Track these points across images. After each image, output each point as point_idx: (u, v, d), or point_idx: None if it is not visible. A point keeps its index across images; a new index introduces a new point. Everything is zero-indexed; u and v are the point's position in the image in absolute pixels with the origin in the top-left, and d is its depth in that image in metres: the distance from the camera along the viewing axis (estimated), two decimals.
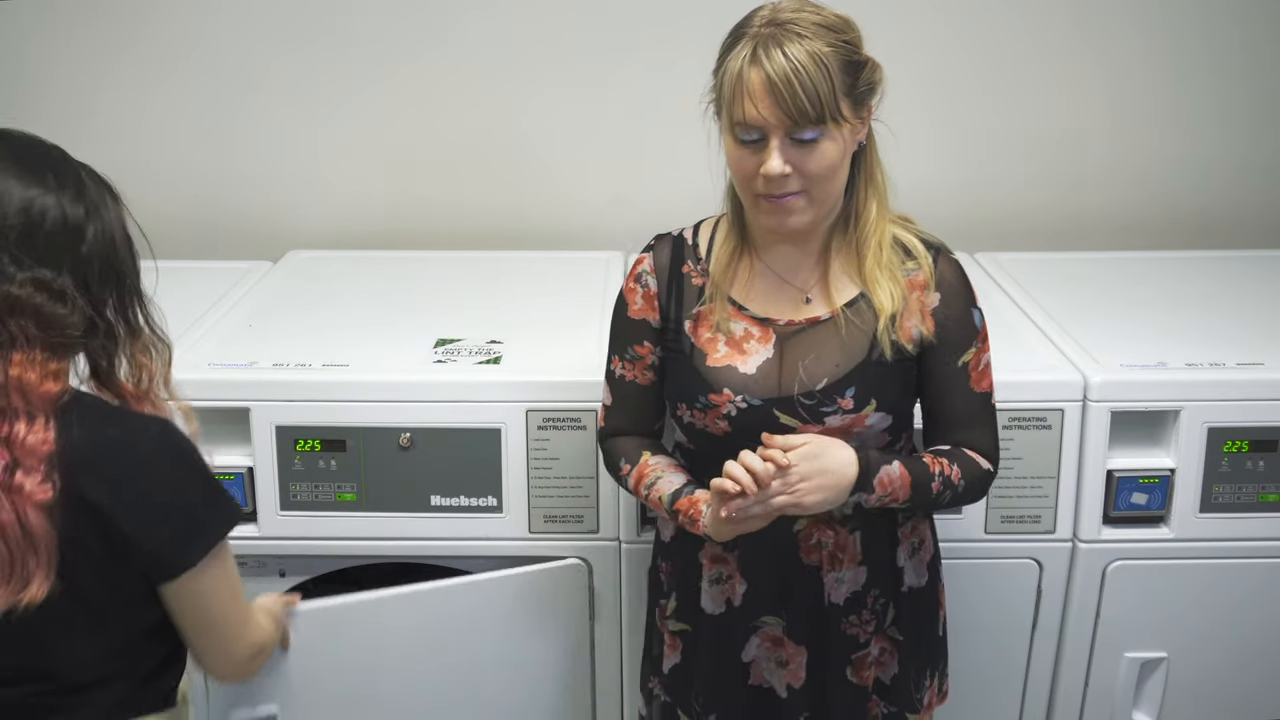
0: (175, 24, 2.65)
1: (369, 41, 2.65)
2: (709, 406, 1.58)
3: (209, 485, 1.43)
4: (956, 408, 1.61)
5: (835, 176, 1.50)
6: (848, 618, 1.66)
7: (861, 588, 1.65)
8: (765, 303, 1.60)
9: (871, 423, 1.56)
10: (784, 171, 1.45)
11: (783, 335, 1.58)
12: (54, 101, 2.70)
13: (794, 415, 1.55)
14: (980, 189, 2.77)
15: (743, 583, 1.67)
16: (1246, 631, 2.07)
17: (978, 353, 1.60)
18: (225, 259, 2.62)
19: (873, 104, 1.52)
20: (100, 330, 1.38)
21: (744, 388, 1.56)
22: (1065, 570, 2.04)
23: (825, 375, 1.55)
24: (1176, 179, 2.77)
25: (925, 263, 1.57)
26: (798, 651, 1.67)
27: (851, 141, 1.50)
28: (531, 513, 2.00)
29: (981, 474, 1.62)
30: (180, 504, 1.40)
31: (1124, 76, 2.70)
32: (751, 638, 1.68)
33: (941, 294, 1.57)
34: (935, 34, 2.67)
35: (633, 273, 1.68)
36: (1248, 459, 1.97)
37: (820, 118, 1.43)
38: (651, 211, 2.70)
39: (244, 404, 1.95)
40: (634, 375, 1.67)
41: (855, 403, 1.54)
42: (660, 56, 2.61)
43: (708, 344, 1.60)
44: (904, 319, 1.56)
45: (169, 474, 1.39)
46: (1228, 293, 2.39)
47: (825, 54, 1.43)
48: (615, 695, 2.15)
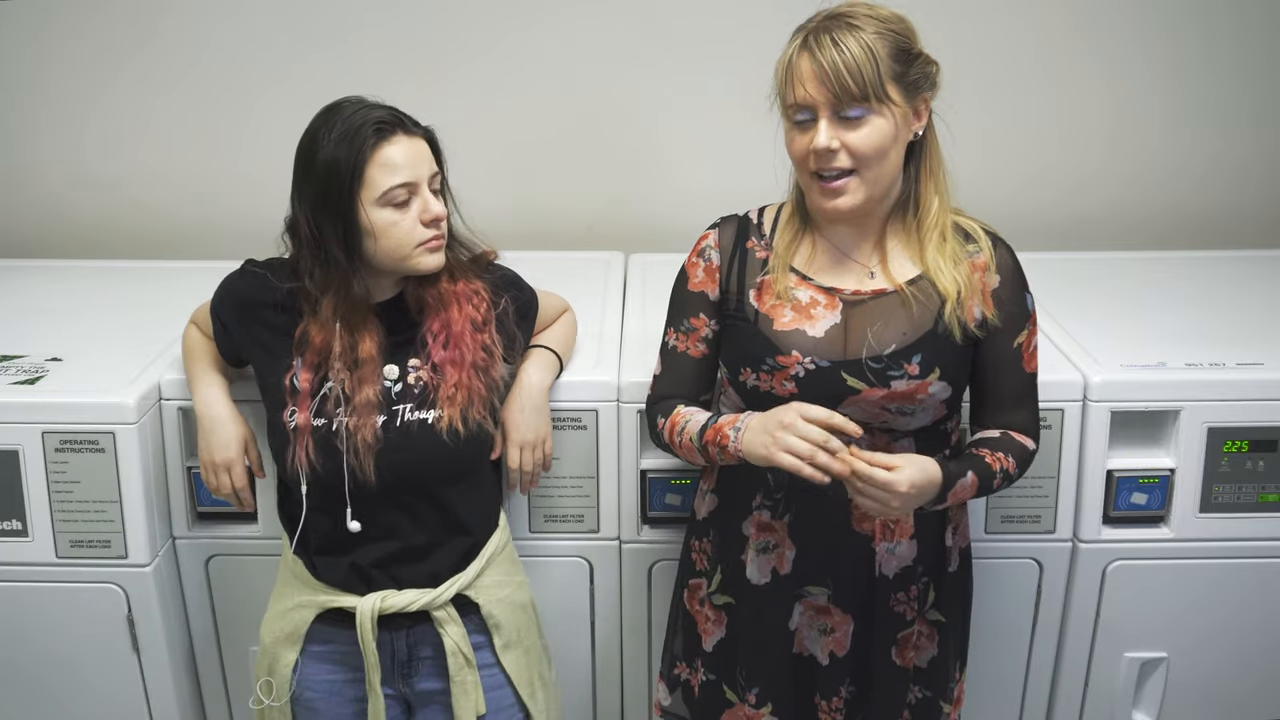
0: (176, 25, 2.66)
1: (369, 42, 2.66)
2: (776, 369, 1.63)
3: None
4: (1009, 387, 1.68)
5: (884, 158, 1.55)
6: (896, 594, 1.69)
7: (912, 563, 1.69)
8: (830, 273, 1.67)
9: (934, 391, 1.61)
10: (830, 146, 1.52)
11: (849, 303, 1.64)
12: (54, 102, 2.70)
13: (861, 378, 1.60)
14: (980, 189, 2.75)
15: (792, 548, 1.70)
16: (1246, 631, 2.07)
17: (1029, 335, 1.68)
18: (225, 259, 2.62)
19: (928, 97, 1.58)
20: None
21: (812, 350, 1.62)
22: (1065, 570, 2.04)
23: (894, 341, 1.61)
24: (1176, 179, 2.77)
25: (986, 246, 1.65)
26: (844, 620, 1.70)
27: (904, 128, 1.56)
28: (523, 514, 2.00)
29: (1028, 456, 1.70)
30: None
31: (1124, 77, 2.70)
32: (795, 605, 1.71)
33: (1001, 277, 1.65)
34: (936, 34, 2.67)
35: (696, 248, 1.74)
36: (1248, 459, 1.97)
37: (864, 95, 1.51)
38: (651, 211, 2.72)
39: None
40: (687, 347, 1.73)
41: (921, 369, 1.60)
42: (661, 56, 2.61)
43: (773, 310, 1.65)
44: (968, 300, 1.62)
45: None
46: (1228, 293, 2.39)
47: (871, 38, 1.51)
48: (615, 695, 2.15)
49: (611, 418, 1.98)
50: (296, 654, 1.76)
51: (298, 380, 1.71)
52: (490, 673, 1.78)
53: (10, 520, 1.94)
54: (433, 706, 1.78)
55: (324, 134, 1.64)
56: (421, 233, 1.68)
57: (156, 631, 2.01)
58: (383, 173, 1.64)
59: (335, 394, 1.69)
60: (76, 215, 2.77)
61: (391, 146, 1.65)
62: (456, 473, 1.73)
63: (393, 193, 1.64)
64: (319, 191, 1.64)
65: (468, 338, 1.73)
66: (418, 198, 1.67)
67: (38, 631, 2.00)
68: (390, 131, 1.65)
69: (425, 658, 1.76)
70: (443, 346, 1.72)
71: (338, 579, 1.73)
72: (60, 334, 2.18)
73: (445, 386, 1.71)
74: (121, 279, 2.51)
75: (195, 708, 2.14)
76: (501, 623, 1.78)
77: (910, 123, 1.58)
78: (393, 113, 1.68)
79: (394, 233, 1.66)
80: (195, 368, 1.87)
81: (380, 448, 1.68)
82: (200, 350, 1.88)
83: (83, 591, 1.97)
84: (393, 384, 1.72)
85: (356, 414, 1.68)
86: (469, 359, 1.73)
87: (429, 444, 1.69)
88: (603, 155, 2.73)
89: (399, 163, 1.65)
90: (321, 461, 1.68)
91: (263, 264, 1.79)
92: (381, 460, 1.68)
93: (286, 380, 1.71)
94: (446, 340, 1.72)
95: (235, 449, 1.82)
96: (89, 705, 2.06)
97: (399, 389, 1.71)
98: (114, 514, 1.93)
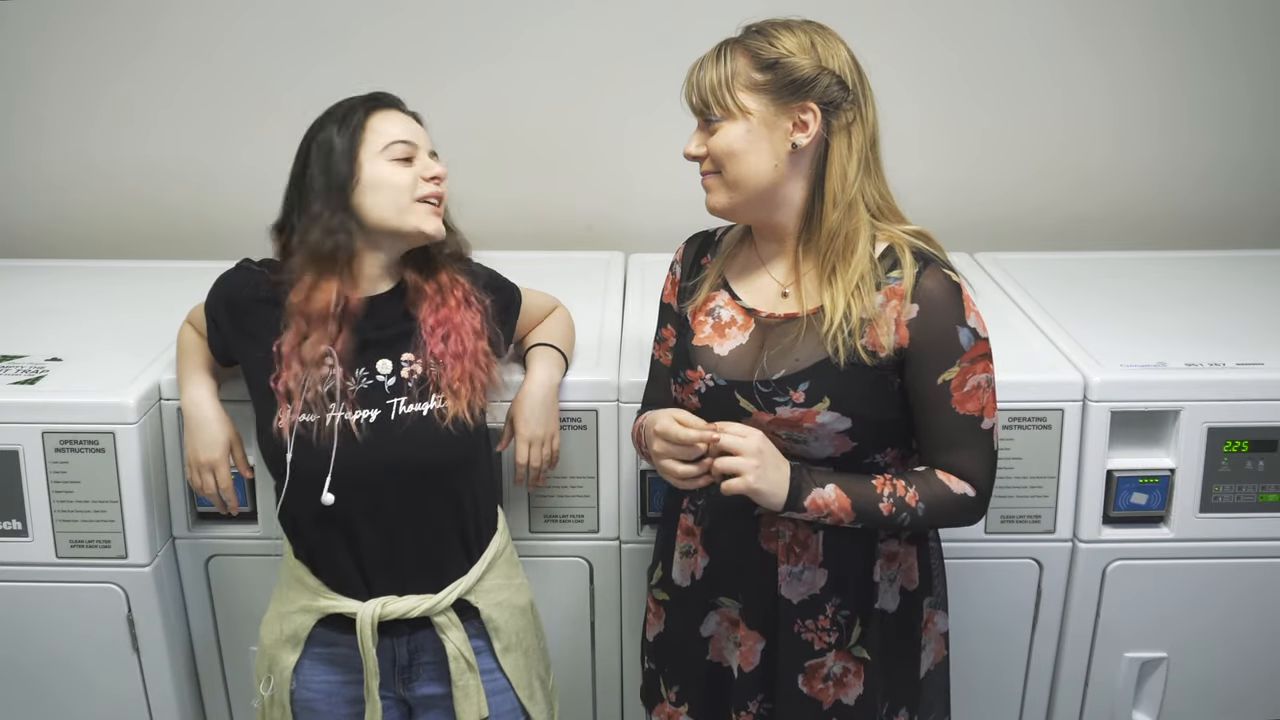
0: (177, 25, 2.66)
1: (369, 43, 2.66)
2: (685, 382, 1.66)
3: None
4: (936, 427, 1.58)
5: (740, 161, 1.56)
6: (802, 620, 1.65)
7: (820, 592, 1.64)
8: (753, 292, 1.66)
9: (824, 421, 1.56)
10: (694, 152, 1.60)
11: (763, 325, 1.63)
12: (56, 102, 2.70)
13: (750, 400, 1.60)
14: (981, 189, 2.77)
15: (705, 557, 1.70)
16: (1246, 631, 2.07)
17: (963, 372, 1.55)
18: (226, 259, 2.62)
19: (813, 106, 1.54)
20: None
21: (714, 367, 1.63)
22: (1065, 570, 2.04)
23: (784, 367, 1.59)
24: (1176, 179, 2.77)
25: (909, 273, 1.55)
26: (752, 635, 1.68)
27: (766, 136, 1.55)
28: (523, 515, 2.00)
29: (955, 498, 1.57)
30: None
31: (1125, 77, 2.70)
32: (711, 613, 1.71)
33: (920, 306, 1.55)
34: (936, 34, 2.68)
35: (670, 262, 1.79)
36: (1248, 459, 1.97)
37: (707, 103, 1.56)
38: (651, 211, 2.72)
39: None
40: (660, 354, 1.78)
41: (806, 398, 1.56)
42: (661, 56, 2.61)
43: (698, 325, 1.68)
44: (874, 327, 1.55)
45: None
46: (1228, 293, 2.39)
47: (732, 51, 1.56)
48: (615, 694, 2.15)
49: (611, 418, 1.98)
50: (297, 656, 1.76)
51: (284, 345, 1.68)
52: (491, 677, 1.78)
53: (10, 520, 1.94)
54: (433, 711, 1.78)
55: (319, 127, 1.70)
56: (422, 187, 1.70)
57: (156, 631, 2.01)
58: (384, 125, 1.70)
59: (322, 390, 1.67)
60: (77, 215, 2.77)
61: (387, 113, 1.72)
62: (455, 466, 1.73)
63: (394, 146, 1.69)
64: (322, 167, 1.67)
65: (469, 331, 1.74)
66: (418, 160, 1.71)
67: (38, 631, 2.00)
68: (384, 105, 1.73)
69: (426, 663, 1.76)
70: (442, 340, 1.73)
71: (338, 582, 1.73)
72: (60, 334, 2.18)
73: (449, 379, 1.71)
74: (122, 279, 2.51)
75: (195, 708, 2.14)
76: (501, 626, 1.78)
77: (784, 132, 1.54)
78: (385, 94, 1.75)
79: (395, 181, 1.68)
80: (185, 367, 1.88)
81: (376, 441, 1.67)
82: (192, 349, 1.88)
83: (83, 591, 1.97)
84: (386, 378, 1.71)
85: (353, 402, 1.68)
86: (472, 351, 1.73)
87: (426, 437, 1.69)
88: (603, 155, 2.74)
89: (398, 125, 1.71)
90: (309, 446, 1.67)
91: (258, 263, 1.79)
92: (378, 454, 1.67)
93: (274, 347, 1.70)
94: (447, 334, 1.73)
95: (220, 450, 1.82)
96: (89, 705, 2.06)
97: (392, 383, 1.71)
98: (114, 514, 1.93)
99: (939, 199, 2.50)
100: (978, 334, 1.57)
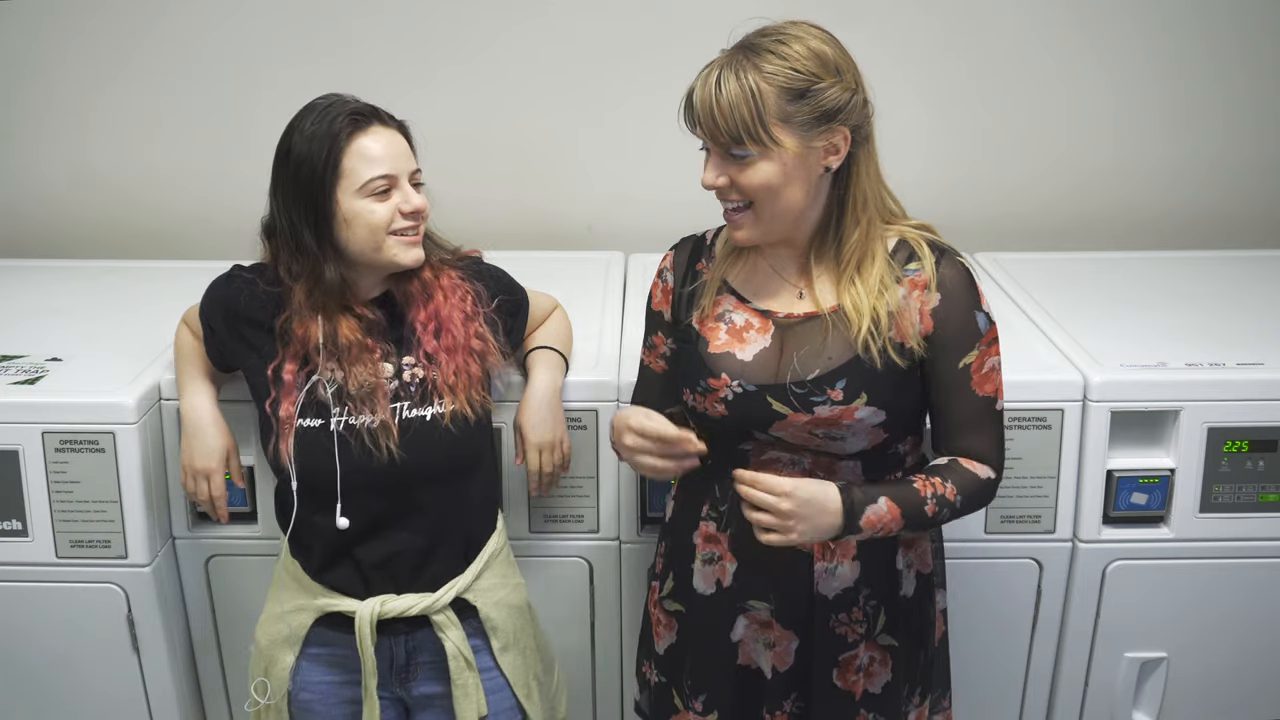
0: (177, 25, 2.66)
1: (370, 43, 2.66)
2: (708, 391, 1.63)
3: None
4: (958, 410, 1.61)
5: (778, 196, 1.53)
6: (837, 615, 1.66)
7: (853, 585, 1.66)
8: (765, 295, 1.65)
9: (861, 416, 1.58)
10: (715, 183, 1.54)
11: (781, 327, 1.62)
12: (54, 101, 2.70)
13: (786, 403, 1.58)
14: (982, 189, 2.77)
15: (733, 562, 1.69)
16: (1246, 631, 2.07)
17: (981, 355, 1.60)
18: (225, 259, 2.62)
19: (844, 129, 1.52)
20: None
21: (741, 373, 1.61)
22: (1065, 570, 2.04)
23: (818, 367, 1.58)
24: (1178, 180, 2.77)
25: (928, 264, 1.58)
26: (786, 636, 1.68)
27: (802, 166, 1.52)
28: (523, 514, 2.00)
29: (981, 484, 1.62)
30: None
31: (1126, 78, 2.70)
32: (739, 618, 1.70)
33: (942, 295, 1.58)
34: (936, 35, 2.68)
35: (658, 268, 1.76)
36: (1248, 459, 1.97)
37: (739, 139, 1.49)
38: (651, 211, 2.71)
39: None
40: (650, 361, 1.77)
41: (845, 395, 1.57)
42: (661, 56, 2.61)
43: (710, 332, 1.65)
44: (900, 319, 1.57)
45: None
46: (1228, 293, 2.39)
47: (755, 80, 1.48)
48: (615, 694, 2.15)
49: (611, 418, 1.97)
50: (294, 656, 1.76)
51: (282, 372, 1.70)
52: (489, 675, 1.78)
53: (10, 520, 1.94)
54: (431, 710, 1.78)
55: (299, 129, 1.66)
56: (398, 222, 1.68)
57: (156, 631, 2.01)
58: (362, 163, 1.65)
59: (325, 394, 1.68)
60: (77, 215, 2.77)
61: (368, 137, 1.66)
62: (460, 467, 1.73)
63: (373, 183, 1.65)
64: (294, 183, 1.65)
65: (458, 323, 1.74)
66: (398, 190, 1.68)
67: (38, 631, 2.00)
68: (366, 122, 1.67)
69: (424, 662, 1.76)
70: (434, 335, 1.72)
71: (336, 581, 1.73)
72: (60, 334, 2.18)
73: (444, 374, 1.71)
74: (121, 279, 2.51)
75: (195, 708, 2.14)
76: (499, 626, 1.78)
77: (817, 158, 1.53)
78: (367, 105, 1.69)
79: (369, 220, 1.66)
80: (184, 372, 1.88)
81: (380, 447, 1.67)
82: (190, 353, 1.88)
83: (83, 591, 1.97)
84: (388, 382, 1.71)
85: (357, 405, 1.68)
86: (462, 343, 1.73)
87: (432, 442, 1.69)
88: (604, 155, 2.74)
89: (377, 154, 1.66)
90: (313, 462, 1.68)
91: (250, 268, 1.79)
92: (383, 460, 1.67)
93: (270, 370, 1.71)
94: (438, 329, 1.73)
95: (216, 459, 1.82)
96: (89, 705, 2.06)
97: (395, 387, 1.71)
98: (114, 514, 1.93)
99: (939, 199, 2.49)
100: (990, 318, 1.62)
